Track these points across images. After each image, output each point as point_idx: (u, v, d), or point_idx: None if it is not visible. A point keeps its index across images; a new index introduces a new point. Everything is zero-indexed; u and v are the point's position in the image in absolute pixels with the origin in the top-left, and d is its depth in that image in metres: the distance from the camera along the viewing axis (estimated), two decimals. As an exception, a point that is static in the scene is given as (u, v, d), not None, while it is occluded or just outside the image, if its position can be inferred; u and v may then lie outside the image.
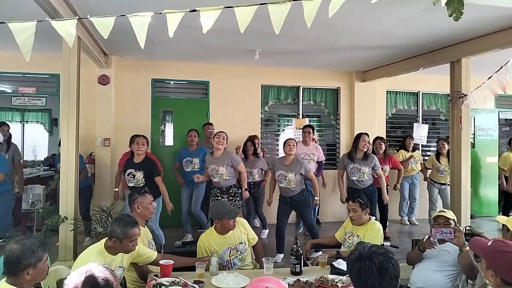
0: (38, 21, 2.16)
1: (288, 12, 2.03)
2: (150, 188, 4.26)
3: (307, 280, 2.76)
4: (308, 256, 3.67)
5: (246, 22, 2.06)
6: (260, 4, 2.07)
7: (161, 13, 2.06)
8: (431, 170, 6.87)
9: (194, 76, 6.98)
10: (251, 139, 6.04)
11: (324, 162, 6.52)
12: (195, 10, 2.05)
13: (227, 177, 4.96)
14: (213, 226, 3.37)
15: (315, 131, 6.56)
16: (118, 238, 2.64)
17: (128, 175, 4.79)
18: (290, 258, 3.05)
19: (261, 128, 7.26)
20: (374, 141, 6.23)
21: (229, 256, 3.30)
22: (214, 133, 6.30)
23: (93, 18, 2.15)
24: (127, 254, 2.81)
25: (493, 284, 1.93)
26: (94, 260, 2.56)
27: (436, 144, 7.06)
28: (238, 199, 5.08)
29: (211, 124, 6.49)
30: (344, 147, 7.45)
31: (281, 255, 5.01)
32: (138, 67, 6.64)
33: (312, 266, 3.39)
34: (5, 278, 2.15)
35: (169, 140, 7.12)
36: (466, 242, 2.79)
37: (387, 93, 7.84)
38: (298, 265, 2.99)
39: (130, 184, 4.79)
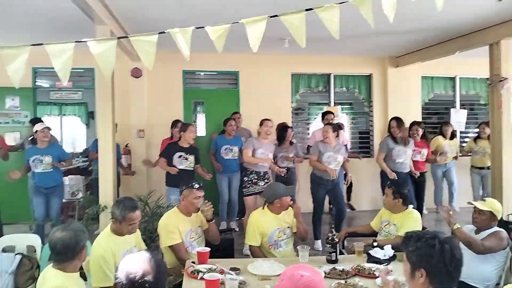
0: (75, 41, 2.21)
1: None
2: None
3: (343, 269, 2.74)
4: (344, 245, 3.65)
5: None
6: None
7: (202, 27, 2.16)
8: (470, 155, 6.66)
9: (224, 66, 7.00)
10: (286, 125, 6.04)
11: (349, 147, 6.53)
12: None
13: (266, 164, 5.16)
14: (265, 206, 3.46)
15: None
16: (118, 220, 2.77)
17: (179, 157, 5.03)
18: (325, 246, 3.03)
19: (292, 117, 7.21)
20: (410, 126, 6.04)
21: (277, 237, 3.39)
22: (241, 122, 6.39)
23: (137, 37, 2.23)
24: (132, 235, 2.91)
25: None
26: (106, 243, 2.73)
27: (475, 129, 6.83)
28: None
29: (239, 113, 6.57)
30: (378, 134, 7.31)
31: (320, 241, 5.06)
32: (169, 59, 6.63)
33: (347, 254, 3.37)
34: (51, 264, 2.25)
35: (201, 131, 7.20)
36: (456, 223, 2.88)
37: (422, 79, 7.60)
38: (334, 254, 2.97)
39: (181, 167, 5.04)
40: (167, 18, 4.63)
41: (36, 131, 4.83)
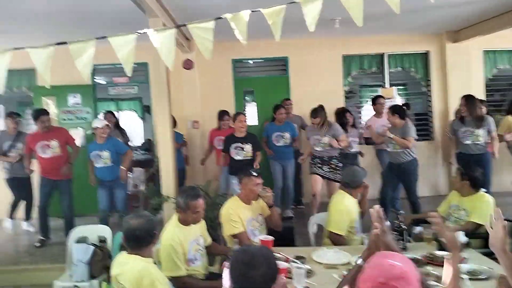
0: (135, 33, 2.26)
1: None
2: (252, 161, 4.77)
3: (414, 257, 2.63)
4: (410, 232, 3.51)
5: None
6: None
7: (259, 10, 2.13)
8: None
9: (272, 53, 6.92)
10: (345, 109, 5.92)
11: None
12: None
13: (328, 148, 5.08)
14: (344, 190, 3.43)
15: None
16: (182, 209, 2.83)
17: (235, 148, 5.09)
18: (391, 233, 2.92)
19: (345, 101, 7.02)
20: None
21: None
22: (292, 108, 6.32)
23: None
24: (197, 225, 2.96)
25: None
26: (173, 233, 2.79)
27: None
28: (339, 173, 5.08)
29: (289, 99, 6.51)
30: (438, 115, 6.95)
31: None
32: (219, 48, 6.68)
33: (413, 242, 3.24)
34: (124, 252, 2.35)
35: (252, 119, 7.20)
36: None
37: (484, 53, 7.09)
38: (402, 241, 2.87)
39: (238, 157, 5.13)
40: (216, 4, 4.60)
41: (96, 127, 4.99)
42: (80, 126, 6.69)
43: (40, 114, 5.11)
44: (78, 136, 6.53)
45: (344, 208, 3.29)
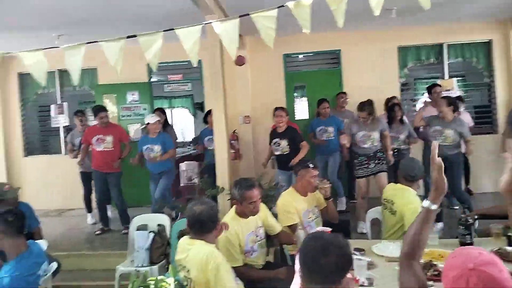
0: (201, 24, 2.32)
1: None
2: (295, 154, 4.75)
3: (483, 252, 2.50)
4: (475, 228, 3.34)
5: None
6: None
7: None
8: None
9: (324, 46, 6.83)
10: (395, 103, 5.69)
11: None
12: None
13: (376, 143, 4.91)
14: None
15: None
16: (238, 200, 2.84)
17: (274, 144, 5.15)
18: (458, 228, 2.80)
19: (401, 94, 6.78)
20: None
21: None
22: (347, 102, 6.20)
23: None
24: (256, 216, 2.96)
25: None
26: (230, 225, 2.81)
27: None
28: (384, 162, 4.94)
29: (345, 93, 6.38)
30: (502, 107, 6.53)
31: (441, 224, 4.70)
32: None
33: (477, 237, 3.07)
34: (187, 237, 2.42)
35: (303, 113, 7.16)
36: None
37: (555, 40, 6.57)
38: (469, 236, 2.74)
39: (277, 153, 5.17)
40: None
41: (148, 123, 5.25)
42: (138, 122, 6.99)
43: (99, 110, 5.47)
44: (136, 131, 6.85)
45: (418, 205, 3.11)
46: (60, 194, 7.16)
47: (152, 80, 7.24)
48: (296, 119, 7.03)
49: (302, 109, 7.23)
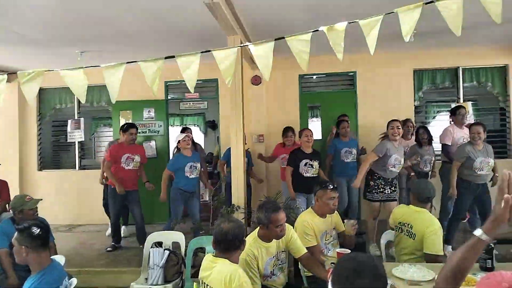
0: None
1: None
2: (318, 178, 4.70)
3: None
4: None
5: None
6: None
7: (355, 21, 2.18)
8: None
9: (340, 67, 6.87)
10: (420, 126, 5.74)
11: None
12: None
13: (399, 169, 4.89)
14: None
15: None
16: (264, 224, 2.76)
17: (305, 165, 5.06)
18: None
19: (415, 117, 6.78)
20: None
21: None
22: (348, 131, 6.01)
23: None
24: (279, 241, 2.89)
25: None
26: (249, 247, 2.73)
27: None
28: (397, 190, 4.95)
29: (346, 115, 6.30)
30: (518, 132, 6.49)
31: (450, 247, 4.69)
32: (286, 64, 6.83)
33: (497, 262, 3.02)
34: (210, 254, 2.41)
35: (317, 134, 7.16)
36: None
37: None
38: (490, 260, 2.70)
39: (307, 175, 5.10)
40: (288, 21, 4.69)
41: (179, 140, 5.19)
42: (153, 139, 7.06)
43: (130, 126, 5.50)
44: (151, 148, 6.90)
45: (438, 227, 3.09)
46: (70, 209, 7.23)
47: (168, 97, 7.34)
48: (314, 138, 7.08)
49: (315, 130, 7.23)
